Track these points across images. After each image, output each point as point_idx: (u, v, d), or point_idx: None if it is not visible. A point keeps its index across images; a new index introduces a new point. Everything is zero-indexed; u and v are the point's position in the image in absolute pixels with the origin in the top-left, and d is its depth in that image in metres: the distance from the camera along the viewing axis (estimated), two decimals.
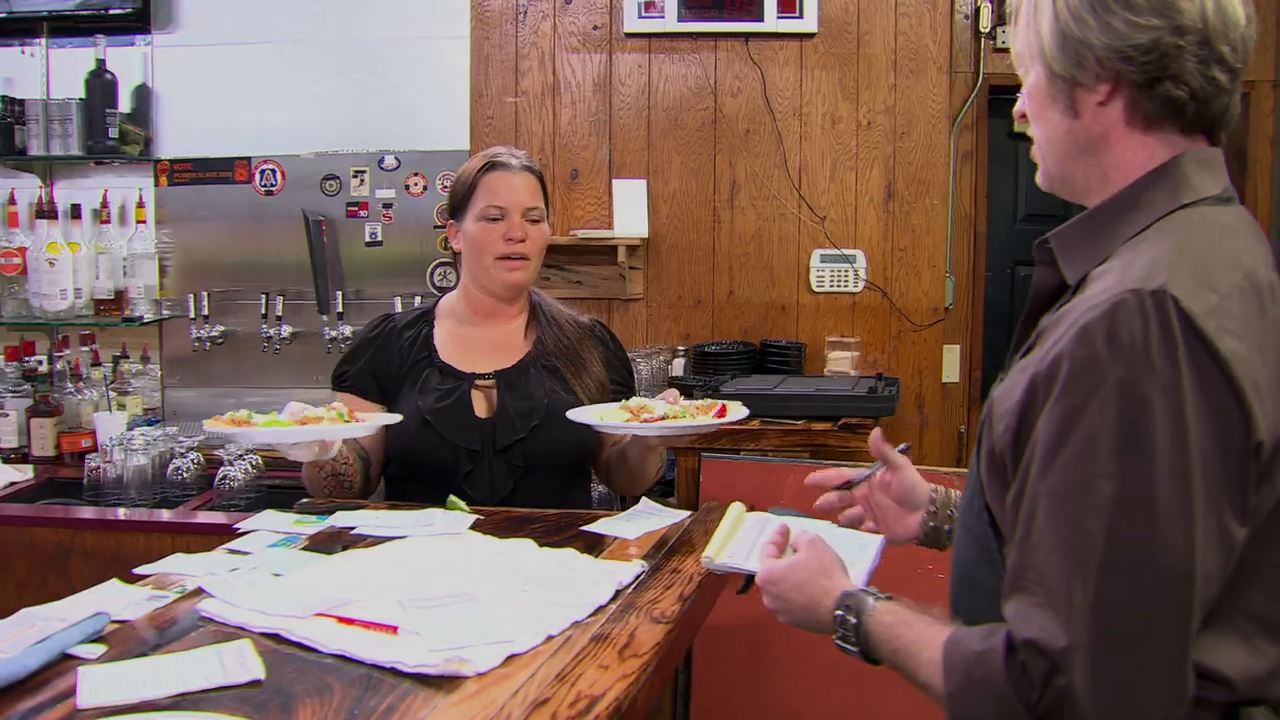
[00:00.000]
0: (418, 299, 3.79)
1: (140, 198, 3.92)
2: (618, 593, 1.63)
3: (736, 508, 1.74)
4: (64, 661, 1.36)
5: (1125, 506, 1.04)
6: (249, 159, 3.93)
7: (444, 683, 1.30)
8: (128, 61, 3.95)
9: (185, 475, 3.58)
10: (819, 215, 3.83)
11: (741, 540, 1.63)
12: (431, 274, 3.88)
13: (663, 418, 2.07)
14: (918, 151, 3.80)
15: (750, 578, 1.54)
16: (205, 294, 3.91)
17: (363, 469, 2.27)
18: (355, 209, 3.90)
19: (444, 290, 3.69)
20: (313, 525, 2.02)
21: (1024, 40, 1.26)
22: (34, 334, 3.95)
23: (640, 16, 3.78)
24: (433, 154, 3.87)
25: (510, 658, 1.37)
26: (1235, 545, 1.07)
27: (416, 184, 3.87)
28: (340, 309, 3.83)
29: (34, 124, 3.87)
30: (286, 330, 3.89)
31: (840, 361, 3.76)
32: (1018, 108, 1.32)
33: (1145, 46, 1.16)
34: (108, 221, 3.88)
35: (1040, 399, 1.11)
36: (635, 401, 2.17)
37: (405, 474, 2.27)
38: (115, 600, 1.61)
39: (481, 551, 1.81)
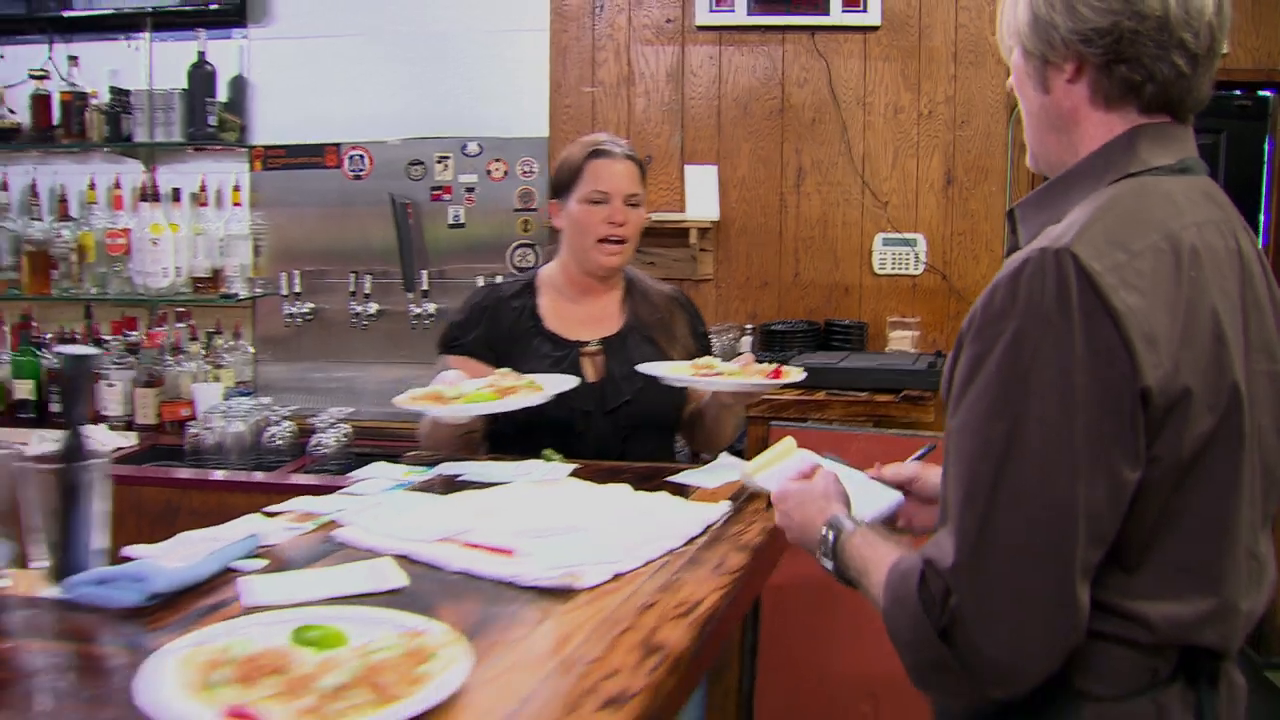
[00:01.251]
0: (498, 278, 3.98)
1: (236, 182, 4.15)
2: (706, 528, 1.80)
3: (787, 441, 1.88)
4: (226, 574, 1.56)
5: (1013, 445, 1.13)
6: (338, 145, 4.14)
7: (558, 594, 1.48)
8: (225, 54, 4.18)
9: (279, 442, 3.80)
10: (881, 200, 3.97)
11: (783, 469, 1.76)
12: (511, 254, 4.07)
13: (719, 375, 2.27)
14: (976, 140, 3.93)
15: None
16: (296, 273, 4.13)
17: (484, 429, 2.44)
18: (439, 192, 4.10)
19: (523, 270, 3.90)
20: (422, 474, 2.20)
21: (1006, 21, 1.36)
22: (135, 310, 4.19)
23: (711, 10, 3.95)
24: (513, 141, 4.06)
25: (616, 576, 1.55)
26: (1125, 486, 1.14)
27: (497, 169, 4.06)
28: (425, 287, 4.03)
29: (139, 113, 4.11)
30: (373, 308, 4.09)
31: (901, 340, 3.90)
32: (1008, 84, 1.41)
33: (1104, 30, 1.23)
34: (206, 204, 4.11)
35: (959, 348, 1.23)
36: (703, 361, 2.35)
37: (516, 433, 2.44)
38: (259, 530, 1.80)
39: (582, 494, 1.99)
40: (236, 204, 4.14)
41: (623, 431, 2.44)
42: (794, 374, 2.29)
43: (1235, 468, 1.21)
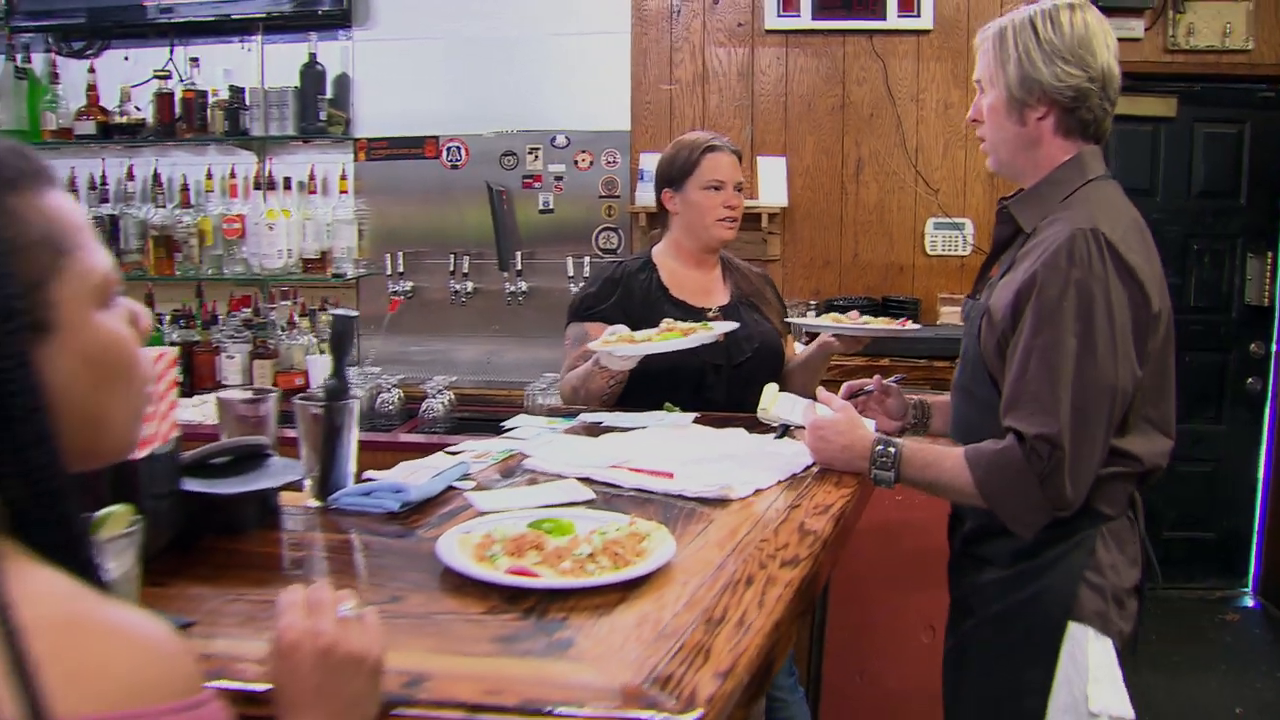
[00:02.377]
0: (586, 260, 4.40)
1: (342, 171, 4.57)
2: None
3: (772, 387, 2.48)
4: (447, 491, 1.98)
5: (1084, 349, 1.76)
6: (437, 137, 4.57)
7: (717, 504, 1.89)
8: (330, 54, 4.60)
9: (390, 408, 4.24)
10: (932, 188, 4.37)
11: (780, 405, 2.41)
12: (596, 237, 4.50)
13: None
14: None
15: (786, 427, 2.38)
16: (400, 254, 4.56)
17: (626, 380, 2.80)
18: (530, 181, 4.53)
19: (608, 252, 4.31)
20: (565, 423, 2.62)
21: (987, 69, 1.96)
22: (247, 289, 4.63)
23: (779, 15, 4.36)
24: (598, 134, 4.48)
25: (757, 491, 1.96)
26: (1137, 374, 1.81)
27: (584, 159, 4.49)
28: (519, 268, 4.46)
29: (255, 109, 4.54)
30: (470, 286, 4.53)
31: (951, 315, 4.30)
32: (970, 115, 2.04)
33: (1073, 87, 1.87)
34: (314, 192, 4.53)
35: (1028, 294, 1.80)
36: (830, 315, 2.82)
37: (650, 386, 2.76)
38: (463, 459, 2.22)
39: (709, 434, 2.41)
40: (343, 191, 4.55)
41: (743, 382, 2.83)
42: (914, 326, 2.78)
43: (1171, 356, 1.89)
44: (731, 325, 2.70)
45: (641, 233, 4.41)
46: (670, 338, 2.55)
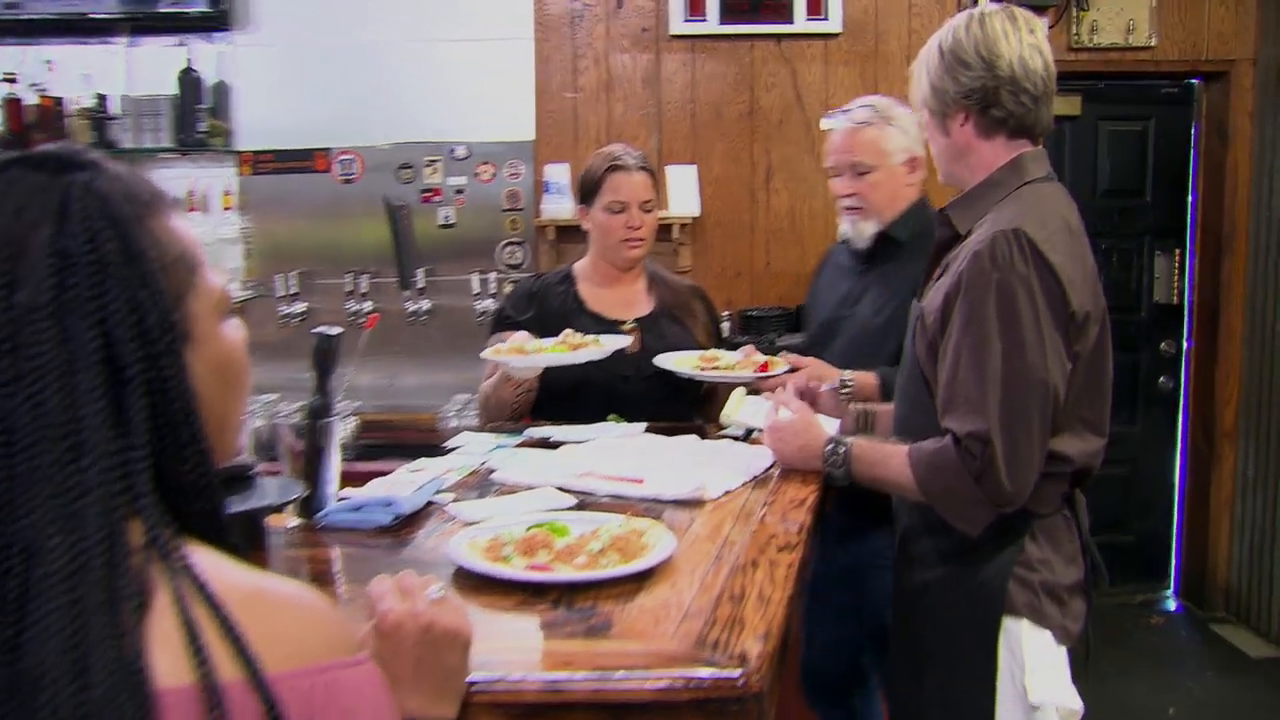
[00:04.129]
0: (492, 276, 4.66)
1: (226, 187, 4.73)
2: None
3: (739, 391, 2.81)
4: (428, 506, 2.22)
5: (1009, 349, 1.99)
6: (328, 150, 4.77)
7: (693, 504, 2.17)
8: (206, 59, 4.75)
9: None
10: None
11: (745, 411, 2.75)
12: (500, 252, 4.76)
13: (716, 367, 2.97)
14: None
15: (749, 430, 2.70)
16: (291, 275, 4.74)
17: (538, 391, 3.06)
18: (429, 195, 4.77)
19: (513, 267, 4.57)
20: (513, 438, 2.87)
21: (916, 92, 2.25)
22: None
23: (685, 20, 4.69)
24: (500, 144, 4.76)
25: (727, 491, 2.26)
26: (1067, 372, 2.04)
27: (486, 172, 4.75)
28: (421, 285, 4.69)
29: (125, 119, 4.67)
30: (369, 306, 4.73)
31: None
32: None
33: (977, 89, 2.13)
34: (195, 209, 4.67)
35: (954, 297, 2.05)
36: (710, 353, 3.07)
37: (563, 398, 3.04)
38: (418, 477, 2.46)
39: (664, 442, 2.70)
40: (227, 208, 4.72)
41: (656, 395, 3.09)
42: (780, 366, 2.94)
43: (1105, 357, 2.13)
44: (624, 341, 2.94)
45: (550, 247, 4.68)
46: (557, 351, 2.83)
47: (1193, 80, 5.40)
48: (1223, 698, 4.64)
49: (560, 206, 4.62)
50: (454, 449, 2.85)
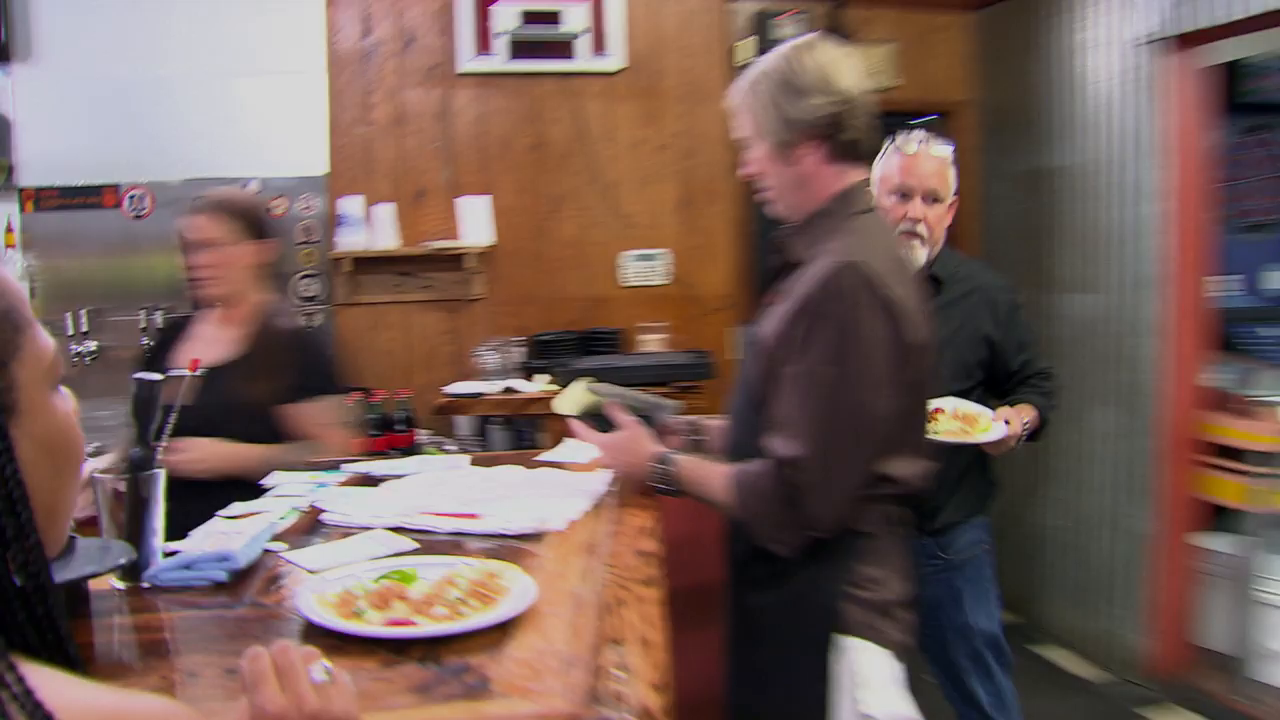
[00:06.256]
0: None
1: (8, 224, 4.28)
2: (607, 487, 2.37)
3: (579, 384, 2.56)
4: (262, 555, 1.98)
5: (841, 380, 1.88)
6: (117, 185, 4.36)
7: (537, 537, 1.99)
8: None
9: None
10: (628, 222, 4.65)
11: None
12: (296, 285, 4.45)
13: None
14: (705, 168, 4.69)
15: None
16: (82, 312, 4.31)
17: None
18: None
19: (308, 300, 4.29)
20: (334, 474, 2.63)
21: (749, 125, 2.08)
22: None
23: (474, 58, 4.49)
24: (294, 179, 4.44)
25: (570, 522, 2.10)
26: (898, 403, 1.93)
27: (279, 205, 4.43)
28: None
29: None
30: None
31: (650, 343, 4.59)
32: (745, 170, 2.14)
33: (826, 116, 2.00)
34: None
35: (792, 324, 1.93)
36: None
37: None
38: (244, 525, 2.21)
39: (489, 473, 2.51)
40: (10, 246, 4.27)
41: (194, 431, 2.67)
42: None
43: (929, 384, 2.06)
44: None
45: (345, 279, 4.43)
46: None
47: (927, 117, 5.55)
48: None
49: (355, 239, 4.37)
50: (268, 489, 2.60)
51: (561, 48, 4.53)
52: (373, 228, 4.41)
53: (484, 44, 4.49)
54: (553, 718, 1.23)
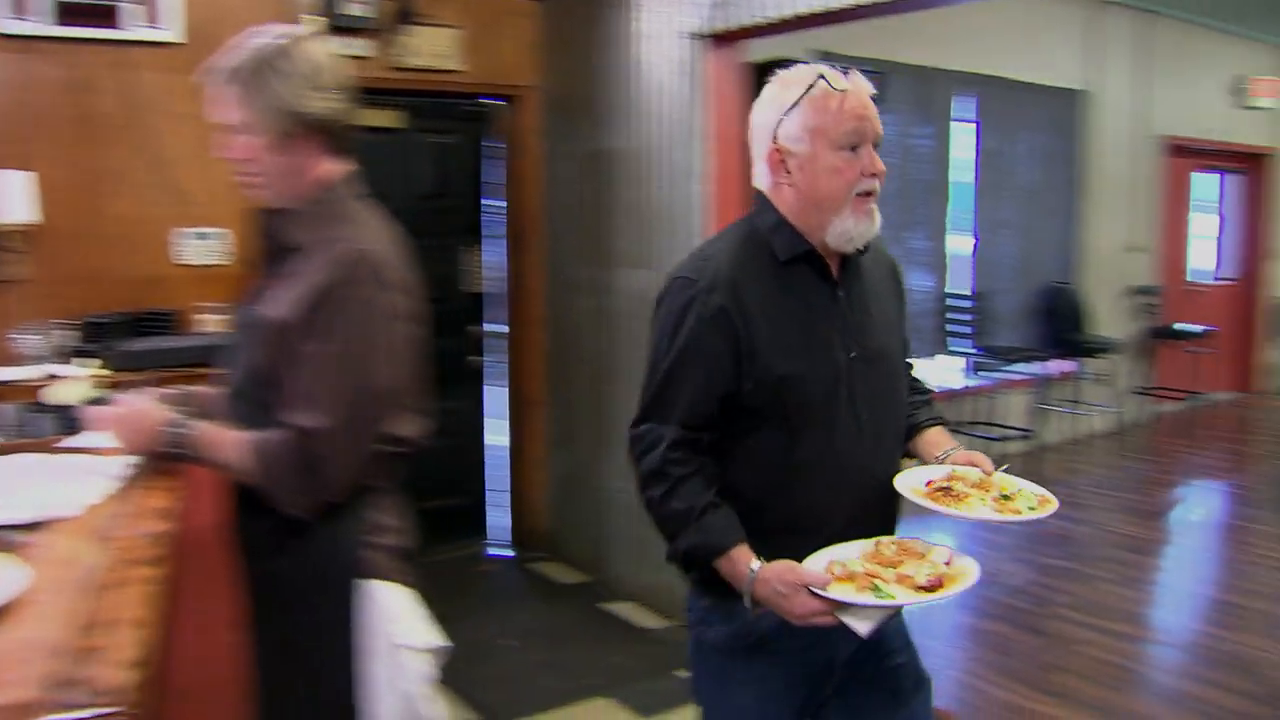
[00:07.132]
0: None
1: None
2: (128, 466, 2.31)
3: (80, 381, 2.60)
4: None
5: (355, 360, 2.04)
6: None
7: (49, 522, 1.93)
8: None
9: None
10: (186, 200, 4.50)
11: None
12: None
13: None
14: None
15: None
16: None
17: None
18: None
19: None
20: None
21: (240, 112, 2.10)
22: None
23: (11, 19, 4.16)
24: None
25: (88, 506, 2.05)
26: (403, 375, 2.19)
27: None
28: None
29: None
30: None
31: (211, 323, 4.47)
32: (233, 155, 2.15)
33: (317, 114, 2.09)
34: None
35: (310, 309, 2.02)
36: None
37: None
38: None
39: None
40: None
41: None
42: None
43: (419, 349, 2.23)
44: None
45: None
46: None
47: (494, 100, 5.87)
48: (549, 621, 5.13)
49: None
50: None
51: (105, 13, 4.28)
52: None
53: (22, 5, 4.18)
54: (10, 710, 1.23)
